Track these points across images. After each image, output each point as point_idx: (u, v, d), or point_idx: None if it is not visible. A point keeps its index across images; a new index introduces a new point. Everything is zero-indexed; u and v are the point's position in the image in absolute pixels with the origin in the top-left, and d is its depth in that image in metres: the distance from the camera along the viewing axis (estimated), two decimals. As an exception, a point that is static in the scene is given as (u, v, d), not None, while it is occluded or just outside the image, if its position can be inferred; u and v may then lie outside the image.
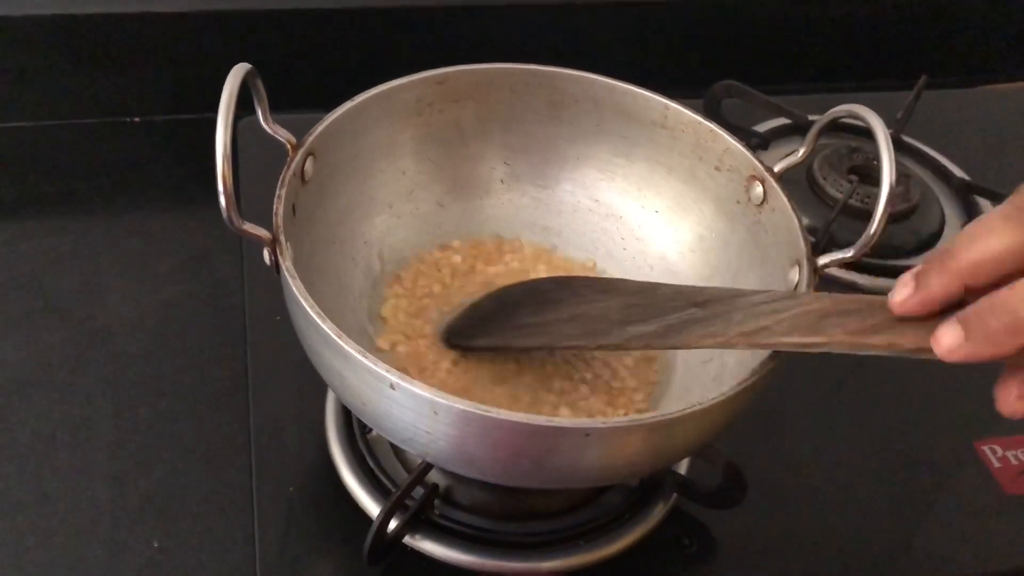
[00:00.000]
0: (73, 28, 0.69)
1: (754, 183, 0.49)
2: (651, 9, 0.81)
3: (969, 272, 0.34)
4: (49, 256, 0.62)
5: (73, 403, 0.53)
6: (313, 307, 0.39)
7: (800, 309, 0.39)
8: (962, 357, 0.34)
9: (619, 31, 0.82)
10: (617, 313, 0.45)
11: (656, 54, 0.84)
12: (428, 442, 0.39)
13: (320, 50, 0.75)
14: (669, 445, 0.40)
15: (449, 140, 0.55)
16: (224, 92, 0.38)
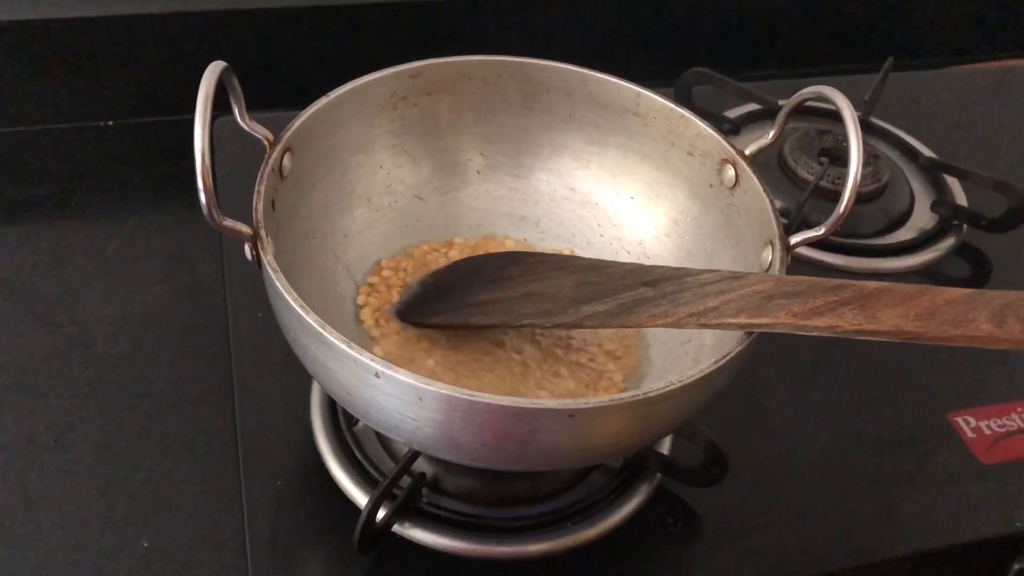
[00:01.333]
0: (41, 33, 0.69)
1: (726, 166, 0.50)
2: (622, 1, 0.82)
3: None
4: (27, 262, 0.62)
5: (57, 407, 0.53)
6: (296, 299, 0.39)
7: (747, 290, 0.40)
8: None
9: (590, 21, 0.82)
10: (571, 291, 0.46)
11: (627, 43, 0.84)
12: (414, 429, 0.39)
13: (293, 48, 0.75)
14: (650, 423, 0.41)
15: (425, 133, 0.55)
16: (201, 90, 0.39)
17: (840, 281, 0.40)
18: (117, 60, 0.72)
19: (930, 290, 0.38)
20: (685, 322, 0.41)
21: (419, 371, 0.46)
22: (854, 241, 0.68)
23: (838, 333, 0.38)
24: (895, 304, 0.38)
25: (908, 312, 0.37)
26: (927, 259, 0.69)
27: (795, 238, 0.45)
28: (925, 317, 0.37)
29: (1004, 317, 0.36)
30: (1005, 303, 0.37)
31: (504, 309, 0.47)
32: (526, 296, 0.47)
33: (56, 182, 0.68)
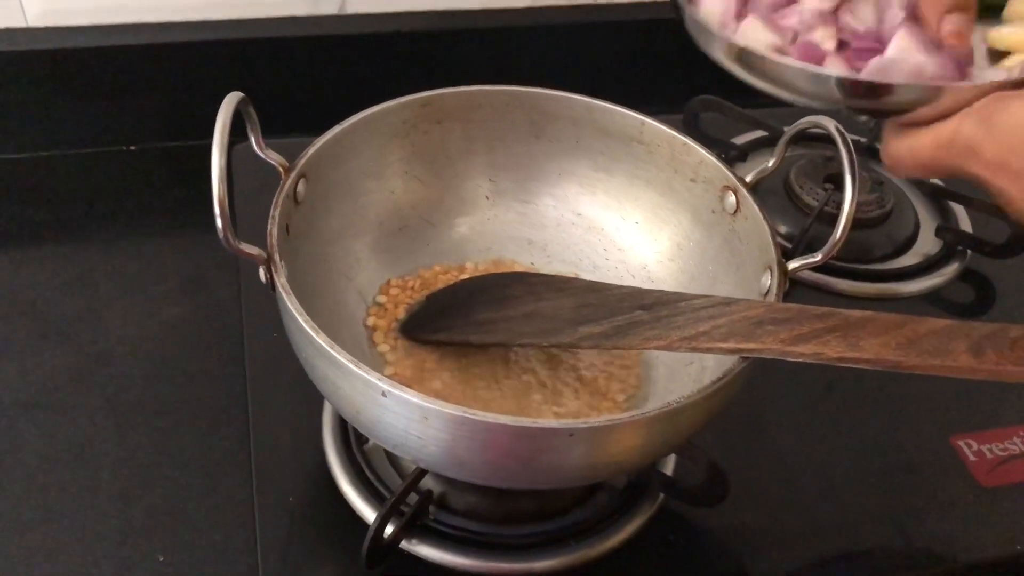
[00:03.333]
0: (68, 61, 0.71)
1: (727, 193, 0.51)
2: (630, 28, 0.84)
3: None
4: (50, 283, 0.63)
5: (77, 424, 0.55)
6: (307, 321, 0.41)
7: (737, 316, 0.41)
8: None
9: (599, 50, 0.84)
10: (570, 312, 0.47)
11: (636, 71, 0.86)
12: (420, 447, 0.40)
13: (309, 76, 0.77)
14: (650, 442, 0.42)
15: (435, 160, 0.57)
16: (218, 119, 0.40)
17: (827, 309, 0.41)
18: (140, 87, 0.74)
19: (912, 320, 0.39)
20: (677, 346, 0.42)
21: (427, 391, 0.48)
22: (859, 266, 0.69)
23: (822, 360, 0.39)
24: (878, 333, 0.39)
25: (890, 341, 0.39)
26: (932, 284, 0.69)
27: (793, 263, 0.46)
28: (906, 347, 0.38)
29: (982, 348, 0.37)
30: (984, 335, 0.38)
31: (504, 328, 0.49)
32: (526, 316, 0.48)
33: (80, 205, 0.70)
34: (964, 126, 0.34)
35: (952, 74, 0.38)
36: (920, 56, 0.37)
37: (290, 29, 0.75)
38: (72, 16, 0.71)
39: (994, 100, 0.33)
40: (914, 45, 0.37)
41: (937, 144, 0.35)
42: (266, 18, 0.75)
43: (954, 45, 0.37)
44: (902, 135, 0.36)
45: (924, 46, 0.37)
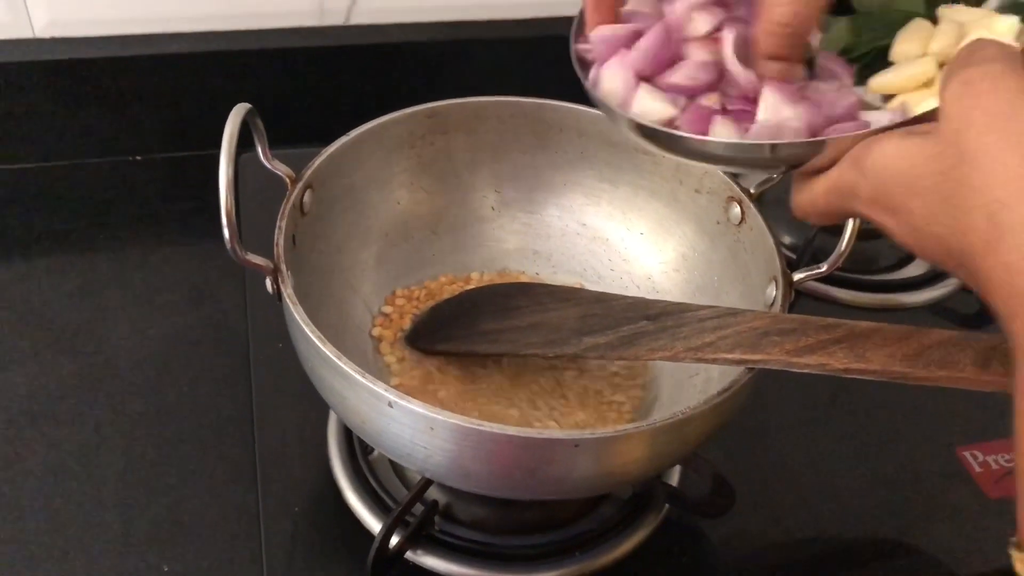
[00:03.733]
0: (74, 72, 0.72)
1: (732, 204, 0.51)
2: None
3: None
4: (57, 292, 0.64)
5: (82, 433, 0.55)
6: (314, 331, 0.41)
7: (743, 326, 0.42)
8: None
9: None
10: (575, 322, 0.47)
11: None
12: (425, 457, 0.40)
13: (315, 86, 0.77)
14: (655, 453, 0.42)
15: (441, 170, 0.57)
16: (226, 131, 0.41)
17: (832, 320, 0.41)
18: (146, 97, 0.74)
19: (918, 331, 0.39)
20: (682, 356, 0.42)
21: (433, 401, 0.48)
22: (864, 276, 0.69)
23: (828, 371, 0.39)
24: (884, 344, 0.39)
25: (896, 352, 0.39)
26: (936, 295, 0.69)
27: (798, 275, 0.47)
28: (912, 358, 0.38)
29: (988, 360, 0.37)
30: (990, 346, 0.38)
31: (510, 338, 0.49)
32: (532, 326, 0.48)
33: (86, 215, 0.70)
34: (843, 171, 0.36)
35: (825, 121, 0.39)
36: (790, 110, 0.38)
37: (296, 40, 0.75)
38: (79, 27, 0.71)
39: (864, 144, 0.35)
40: (782, 101, 0.38)
41: (827, 191, 0.37)
42: (272, 29, 0.75)
43: (778, 80, 0.39)
44: (803, 186, 0.38)
45: (792, 97, 0.39)
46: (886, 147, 0.34)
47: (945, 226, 0.32)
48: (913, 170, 0.33)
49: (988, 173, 0.30)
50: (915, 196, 0.33)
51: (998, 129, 0.30)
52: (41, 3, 0.69)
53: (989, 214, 0.30)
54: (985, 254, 0.30)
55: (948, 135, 0.31)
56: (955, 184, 0.31)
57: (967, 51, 0.33)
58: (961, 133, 0.31)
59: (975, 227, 0.30)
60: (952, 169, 0.31)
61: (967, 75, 0.31)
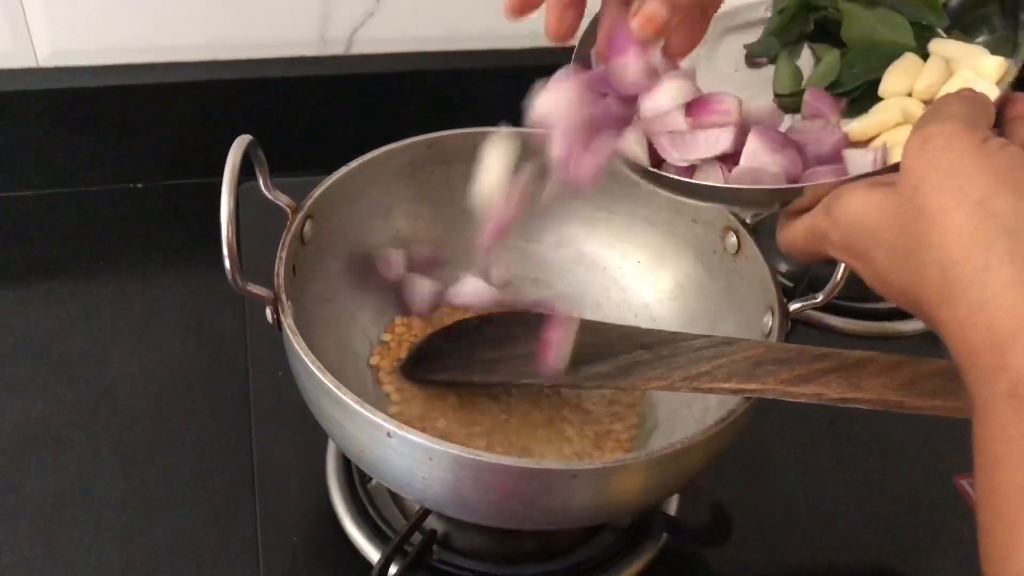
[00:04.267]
0: (77, 100, 0.72)
1: (729, 234, 0.52)
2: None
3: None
4: (57, 319, 0.64)
5: (82, 461, 0.55)
6: (313, 361, 0.41)
7: (738, 356, 0.42)
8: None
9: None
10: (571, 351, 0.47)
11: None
12: (424, 487, 0.41)
13: (316, 115, 0.78)
14: (653, 484, 0.42)
15: (440, 200, 0.58)
16: (227, 163, 0.41)
17: (827, 350, 0.41)
18: (148, 125, 0.75)
19: (913, 360, 0.40)
20: (679, 386, 0.43)
21: (432, 430, 0.48)
22: (860, 305, 0.70)
23: (824, 400, 0.40)
24: (879, 374, 0.39)
25: (891, 382, 0.39)
26: (932, 323, 0.70)
27: (795, 305, 0.47)
28: (907, 387, 0.39)
29: None
30: None
31: (506, 368, 0.49)
32: (528, 355, 0.49)
33: (87, 242, 0.71)
34: (816, 217, 0.37)
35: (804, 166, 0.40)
36: (768, 157, 0.39)
37: (297, 69, 0.76)
38: (82, 56, 0.72)
39: (835, 193, 0.37)
40: (763, 147, 0.40)
41: (805, 234, 0.38)
42: (274, 58, 0.76)
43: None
44: (786, 225, 0.39)
45: (773, 145, 0.39)
46: (852, 198, 0.35)
47: (905, 277, 0.33)
48: (876, 222, 0.34)
49: (940, 230, 0.31)
50: (878, 247, 0.34)
51: (949, 188, 0.31)
52: (45, 33, 0.70)
53: (942, 269, 0.31)
54: (940, 307, 0.31)
55: (907, 190, 0.32)
56: (912, 239, 0.32)
57: (934, 107, 0.34)
58: (917, 189, 0.32)
59: (931, 281, 0.31)
60: (910, 224, 0.32)
61: (927, 131, 0.33)
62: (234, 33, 0.74)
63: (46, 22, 0.69)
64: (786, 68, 0.48)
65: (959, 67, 0.44)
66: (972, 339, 0.30)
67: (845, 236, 0.35)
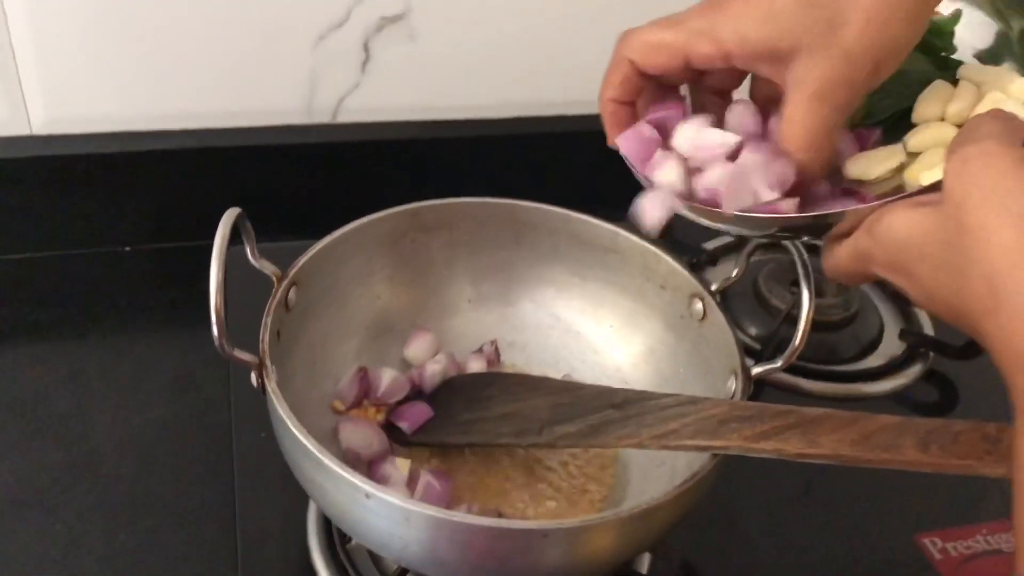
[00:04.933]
0: (68, 166, 0.74)
1: (695, 300, 0.54)
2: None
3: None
4: (43, 381, 0.65)
5: (64, 522, 0.56)
6: (296, 424, 0.43)
7: (704, 414, 0.44)
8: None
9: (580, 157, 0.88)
10: (545, 412, 0.50)
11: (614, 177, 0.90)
12: (402, 547, 0.42)
13: (302, 182, 0.80)
14: (623, 542, 0.44)
15: (420, 266, 0.60)
16: (217, 235, 0.43)
17: (787, 407, 0.44)
18: (137, 191, 0.77)
19: (864, 417, 0.42)
20: (648, 443, 0.45)
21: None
22: (827, 367, 0.72)
23: (784, 456, 0.42)
24: (834, 430, 0.42)
25: (845, 437, 0.41)
26: (897, 385, 0.72)
27: (757, 369, 0.49)
28: (860, 442, 0.41)
29: (928, 443, 0.40)
30: (929, 430, 0.41)
31: (483, 429, 0.51)
32: (504, 416, 0.51)
33: (74, 304, 0.72)
34: (859, 238, 0.39)
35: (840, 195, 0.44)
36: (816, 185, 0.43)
37: (284, 137, 0.78)
38: (75, 124, 0.74)
39: (877, 214, 0.39)
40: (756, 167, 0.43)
41: (850, 256, 0.40)
42: (261, 127, 0.78)
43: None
44: (830, 250, 0.42)
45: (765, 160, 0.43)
46: (895, 217, 0.37)
47: (951, 291, 0.35)
48: (920, 239, 0.36)
49: (985, 245, 0.33)
50: (923, 263, 0.36)
51: (992, 204, 0.33)
52: (40, 101, 0.72)
53: (988, 282, 0.32)
54: (986, 318, 0.33)
55: (949, 208, 0.35)
56: (957, 254, 0.34)
57: (968, 128, 0.36)
58: (960, 207, 0.34)
59: (976, 293, 0.33)
60: (954, 239, 0.34)
61: (965, 152, 0.35)
62: (223, 102, 0.76)
63: (41, 91, 0.72)
64: None
65: (989, 90, 0.46)
66: (1018, 345, 0.31)
67: (890, 254, 0.37)
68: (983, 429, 0.40)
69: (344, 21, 0.74)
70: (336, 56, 0.75)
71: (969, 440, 0.40)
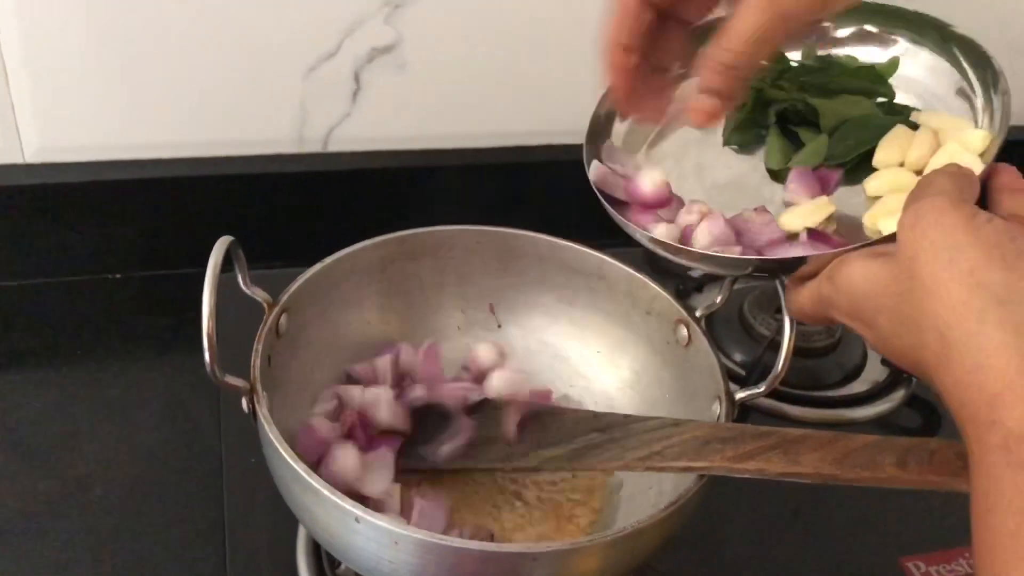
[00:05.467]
0: (60, 195, 0.75)
1: (680, 326, 0.55)
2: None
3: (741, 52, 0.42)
4: (32, 408, 0.65)
5: (53, 549, 0.56)
6: (286, 449, 0.43)
7: (687, 435, 0.45)
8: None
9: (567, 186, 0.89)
10: (530, 435, 0.50)
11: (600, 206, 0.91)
12: (391, 571, 0.42)
13: (293, 210, 0.81)
14: (610, 565, 0.44)
15: (410, 292, 0.61)
16: (210, 263, 0.44)
17: (767, 428, 0.45)
18: (128, 218, 0.77)
19: (844, 436, 0.43)
20: (633, 466, 0.45)
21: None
22: (811, 393, 0.73)
23: (767, 475, 0.42)
24: (814, 449, 0.43)
25: (826, 456, 0.42)
26: (880, 410, 0.73)
27: (740, 394, 0.50)
28: (840, 461, 0.42)
29: (906, 461, 0.41)
30: (907, 447, 0.42)
31: (469, 453, 0.52)
32: (490, 440, 0.51)
33: (65, 331, 0.73)
34: (821, 283, 0.41)
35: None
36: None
37: (275, 166, 0.79)
38: (67, 153, 0.75)
39: (837, 262, 0.40)
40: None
41: (811, 300, 0.42)
42: (253, 155, 0.79)
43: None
44: (792, 291, 0.43)
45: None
46: (854, 267, 0.39)
47: (906, 342, 0.36)
48: (877, 289, 0.37)
49: (936, 298, 0.34)
50: (880, 313, 0.37)
51: (942, 260, 0.34)
52: (32, 130, 0.73)
53: (939, 335, 0.34)
54: (939, 368, 0.34)
55: (903, 261, 0.36)
56: (911, 306, 0.35)
57: (922, 183, 0.38)
58: (913, 261, 0.35)
59: (929, 344, 0.34)
60: (908, 292, 0.35)
61: (918, 207, 0.36)
62: (215, 131, 0.77)
63: (34, 119, 0.73)
64: (776, 143, 0.54)
65: (946, 139, 0.48)
66: (967, 397, 0.33)
67: (849, 303, 0.38)
68: (957, 447, 0.41)
69: (335, 52, 0.75)
70: (327, 86, 0.76)
71: (944, 457, 0.41)
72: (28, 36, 0.68)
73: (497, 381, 0.58)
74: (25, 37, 0.68)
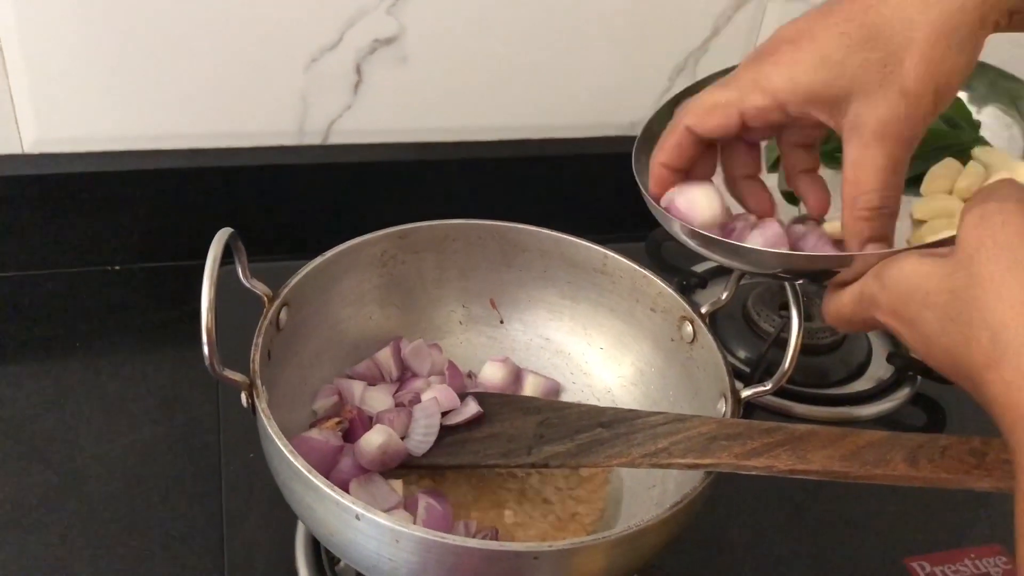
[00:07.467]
0: (60, 185, 0.74)
1: (685, 323, 0.55)
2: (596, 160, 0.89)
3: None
4: (30, 400, 0.65)
5: (49, 543, 0.55)
6: (286, 444, 0.43)
7: (693, 432, 0.44)
8: None
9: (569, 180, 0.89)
10: (532, 431, 0.50)
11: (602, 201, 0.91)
12: (391, 569, 0.42)
13: (294, 202, 0.80)
14: (612, 564, 0.43)
15: (411, 287, 0.60)
16: (209, 255, 0.43)
17: (774, 424, 0.44)
18: (127, 210, 0.77)
19: (853, 432, 0.43)
20: (639, 463, 0.45)
21: (401, 512, 0.49)
22: (816, 390, 0.72)
23: (774, 472, 0.42)
24: (823, 446, 0.42)
25: (835, 453, 0.41)
26: (885, 408, 0.72)
27: (746, 392, 0.49)
28: (849, 458, 0.41)
29: (916, 458, 0.40)
30: (918, 444, 0.41)
31: (471, 450, 0.51)
32: (491, 436, 0.51)
33: (62, 323, 0.72)
34: (867, 283, 0.40)
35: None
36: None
37: (276, 158, 0.79)
38: (66, 144, 0.74)
39: (887, 261, 0.40)
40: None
41: (853, 301, 0.41)
42: (253, 147, 0.79)
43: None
44: (832, 295, 0.42)
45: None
46: (905, 263, 0.38)
47: (953, 339, 0.35)
48: (927, 286, 0.36)
49: (993, 296, 0.33)
50: (927, 309, 0.36)
51: (1005, 258, 0.34)
52: (31, 121, 0.73)
53: (992, 333, 0.33)
54: (987, 369, 0.33)
55: (962, 258, 0.35)
56: (963, 303, 0.34)
57: (989, 188, 0.37)
58: (973, 258, 0.35)
59: (979, 343, 0.34)
60: (962, 289, 0.35)
61: (984, 208, 0.35)
62: (216, 122, 0.77)
63: (33, 110, 0.72)
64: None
65: (996, 172, 0.48)
66: (1017, 399, 0.32)
67: (895, 300, 0.38)
68: (969, 443, 0.41)
69: (337, 43, 0.74)
70: (328, 78, 0.76)
71: (956, 454, 0.40)
72: (27, 26, 0.68)
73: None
74: (24, 27, 0.68)
